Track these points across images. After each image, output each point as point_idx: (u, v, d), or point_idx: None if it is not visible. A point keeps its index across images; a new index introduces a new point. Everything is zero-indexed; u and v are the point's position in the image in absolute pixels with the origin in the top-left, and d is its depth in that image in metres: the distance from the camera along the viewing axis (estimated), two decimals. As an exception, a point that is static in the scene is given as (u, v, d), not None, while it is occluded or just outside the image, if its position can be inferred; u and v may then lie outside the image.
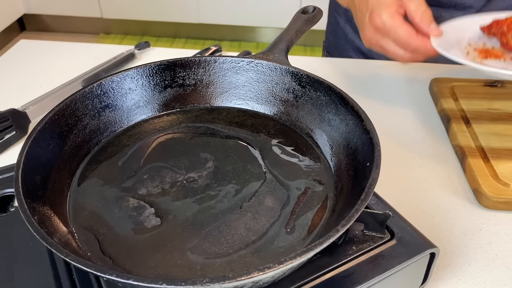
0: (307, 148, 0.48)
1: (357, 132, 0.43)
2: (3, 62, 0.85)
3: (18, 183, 0.36)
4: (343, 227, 0.32)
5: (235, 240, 0.39)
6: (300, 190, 0.43)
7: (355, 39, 0.92)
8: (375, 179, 0.36)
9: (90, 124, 0.48)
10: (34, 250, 0.41)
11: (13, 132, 0.65)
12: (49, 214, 0.38)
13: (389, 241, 0.42)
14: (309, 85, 0.49)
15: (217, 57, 0.52)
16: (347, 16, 0.92)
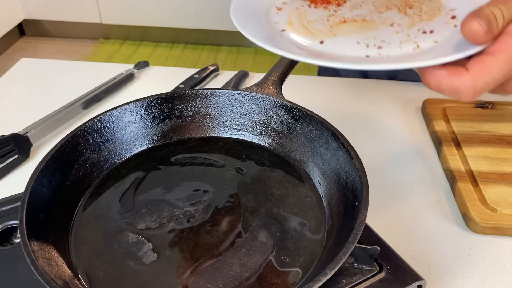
0: (300, 181, 0.50)
1: (347, 168, 0.45)
2: (3, 82, 0.87)
3: (23, 225, 0.38)
4: (331, 270, 0.34)
5: (229, 276, 0.41)
6: (293, 225, 0.45)
7: None
8: (362, 220, 0.38)
9: (91, 158, 0.50)
10: (38, 285, 0.42)
11: (15, 156, 0.67)
12: (52, 253, 0.40)
13: (378, 273, 0.44)
14: (302, 118, 0.51)
15: (213, 89, 0.54)
16: None
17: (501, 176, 0.62)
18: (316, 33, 0.47)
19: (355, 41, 0.46)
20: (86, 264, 0.42)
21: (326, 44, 0.45)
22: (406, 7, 0.53)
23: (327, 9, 0.52)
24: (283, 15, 0.50)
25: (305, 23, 0.49)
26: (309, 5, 0.52)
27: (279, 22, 0.48)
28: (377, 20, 0.51)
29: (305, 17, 0.50)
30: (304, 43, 0.45)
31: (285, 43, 0.45)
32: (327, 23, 0.49)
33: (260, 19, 0.48)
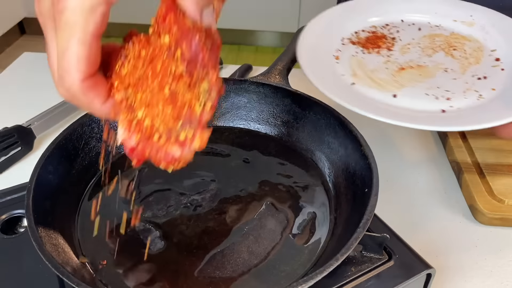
0: (307, 170, 0.50)
1: (355, 156, 0.44)
2: (6, 75, 0.87)
3: (30, 211, 0.37)
4: (343, 255, 0.34)
5: (238, 264, 0.40)
6: (300, 213, 0.45)
7: None
8: (373, 206, 0.37)
9: (96, 146, 0.49)
10: (43, 273, 0.42)
11: (18, 148, 0.67)
12: (59, 240, 0.39)
13: (386, 262, 0.43)
14: (309, 107, 0.50)
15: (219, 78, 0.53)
16: None
17: (508, 167, 0.61)
18: (384, 84, 0.53)
19: (423, 93, 0.51)
20: (92, 251, 0.41)
21: (399, 98, 0.51)
22: (450, 49, 0.60)
23: (380, 54, 0.57)
24: (344, 64, 0.54)
25: (369, 73, 0.54)
26: (362, 51, 0.57)
27: (345, 74, 0.53)
28: (430, 65, 0.57)
29: (365, 65, 0.55)
30: (378, 97, 0.50)
31: (362, 99, 0.50)
32: (388, 72, 0.54)
33: (327, 71, 0.52)
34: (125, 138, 0.35)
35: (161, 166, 0.35)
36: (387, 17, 0.64)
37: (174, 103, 0.33)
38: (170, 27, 0.34)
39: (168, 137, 0.34)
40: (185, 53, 0.34)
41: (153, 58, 0.35)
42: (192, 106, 0.33)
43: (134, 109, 0.35)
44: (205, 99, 0.34)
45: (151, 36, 0.36)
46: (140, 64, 0.35)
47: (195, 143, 0.34)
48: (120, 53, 0.37)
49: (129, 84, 0.35)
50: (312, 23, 0.58)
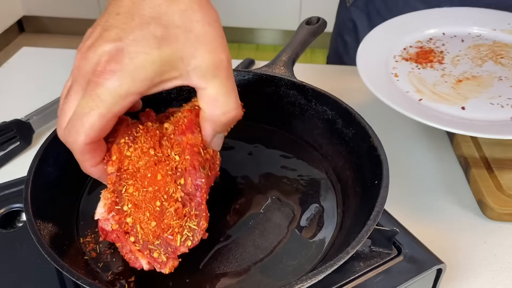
0: (313, 163, 0.49)
1: (364, 147, 0.43)
2: (5, 70, 0.85)
3: (28, 203, 0.36)
4: (353, 249, 0.32)
5: (244, 258, 0.39)
6: (307, 206, 0.44)
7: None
8: (384, 198, 0.36)
9: (96, 139, 0.48)
10: (42, 267, 0.41)
11: (17, 143, 0.65)
12: (58, 233, 0.38)
13: (396, 257, 0.42)
14: (315, 99, 0.49)
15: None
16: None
17: (517, 162, 0.60)
18: (449, 98, 0.56)
19: (488, 103, 0.55)
20: (94, 244, 0.40)
21: (468, 110, 0.54)
22: (497, 57, 0.63)
23: (434, 68, 0.61)
24: (405, 81, 0.58)
25: (431, 88, 0.58)
26: (417, 67, 0.61)
27: (410, 91, 0.56)
28: (484, 75, 0.60)
29: (424, 81, 0.59)
30: (448, 111, 0.54)
31: (436, 114, 0.53)
32: (448, 85, 0.58)
33: (393, 90, 0.56)
34: (102, 217, 0.36)
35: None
36: (429, 31, 0.68)
37: (160, 220, 0.35)
38: (184, 149, 0.37)
39: (143, 247, 0.35)
40: (187, 186, 0.36)
41: (158, 163, 0.37)
42: (174, 235, 0.34)
43: (122, 197, 0.37)
44: (187, 236, 0.35)
45: (165, 135, 0.38)
46: (144, 160, 0.37)
47: (165, 270, 0.35)
48: (130, 130, 0.39)
49: (127, 168, 0.37)
50: (363, 45, 0.62)
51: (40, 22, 2.97)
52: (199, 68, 0.33)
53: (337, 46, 0.99)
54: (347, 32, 0.96)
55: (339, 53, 0.98)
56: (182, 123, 0.38)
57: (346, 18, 0.95)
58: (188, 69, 0.33)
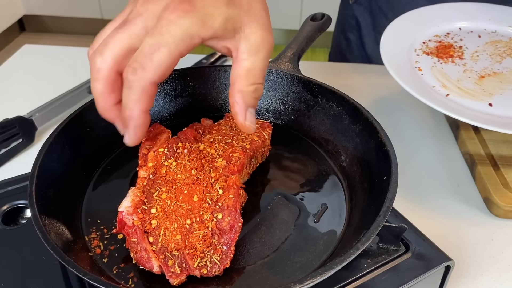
0: (319, 159, 0.48)
1: (372, 143, 0.43)
2: (7, 67, 0.85)
3: (33, 198, 0.35)
4: (363, 244, 0.32)
5: (251, 254, 0.38)
6: (314, 203, 0.43)
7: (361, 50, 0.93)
8: (393, 193, 0.36)
9: (100, 135, 0.47)
10: (46, 264, 0.40)
11: (19, 140, 0.65)
12: (63, 229, 0.37)
13: (404, 254, 0.42)
14: (322, 95, 0.49)
15: (227, 66, 0.52)
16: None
17: (523, 159, 0.60)
18: (474, 94, 0.56)
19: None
20: (98, 242, 0.39)
21: (495, 106, 0.55)
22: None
23: (456, 63, 0.61)
24: (429, 75, 0.58)
25: (455, 83, 0.58)
26: (439, 61, 0.61)
27: (435, 85, 0.56)
28: (505, 72, 0.61)
29: (448, 76, 0.59)
30: (476, 107, 0.54)
31: (464, 110, 0.53)
32: (471, 81, 0.58)
33: (420, 85, 0.55)
34: (127, 211, 0.37)
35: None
36: (446, 26, 0.69)
37: (186, 237, 0.36)
38: (230, 187, 0.39)
39: (159, 251, 0.36)
40: (223, 222, 0.37)
41: (196, 183, 0.40)
42: (194, 256, 0.36)
43: (152, 199, 0.39)
44: (205, 265, 0.36)
45: (210, 161, 0.41)
46: (184, 176, 0.40)
47: (172, 281, 0.36)
48: (170, 142, 0.43)
49: (164, 175, 0.40)
50: (385, 39, 0.61)
51: (41, 21, 2.96)
52: (249, 39, 0.35)
53: (340, 44, 0.98)
54: (350, 30, 0.95)
55: (341, 51, 0.98)
56: (235, 164, 0.41)
57: (349, 16, 0.94)
58: (241, 36, 0.35)
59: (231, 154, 0.41)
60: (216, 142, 0.43)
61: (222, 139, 0.44)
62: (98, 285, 0.30)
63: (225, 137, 0.44)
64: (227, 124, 0.46)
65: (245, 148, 0.43)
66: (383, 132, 0.42)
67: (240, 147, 0.42)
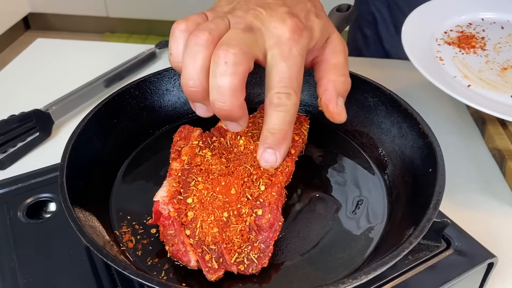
0: (353, 152, 0.46)
1: (412, 136, 0.41)
2: (20, 61, 0.83)
3: (64, 189, 0.34)
4: (417, 238, 0.30)
5: (290, 249, 0.37)
6: (351, 197, 0.42)
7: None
8: (442, 186, 0.34)
9: (128, 126, 0.46)
10: (74, 258, 0.39)
11: (36, 134, 0.63)
12: (94, 222, 0.36)
13: (445, 250, 0.40)
14: (354, 86, 0.47)
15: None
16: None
17: (555, 154, 0.58)
18: (496, 85, 0.55)
19: None
20: (130, 236, 0.38)
21: None
22: None
23: (478, 54, 0.60)
24: (450, 66, 0.57)
25: (477, 74, 0.57)
26: (461, 52, 0.60)
27: (457, 76, 0.55)
28: None
29: (470, 67, 0.58)
30: (498, 99, 0.53)
31: (487, 101, 0.52)
32: (493, 72, 0.57)
33: (441, 75, 0.55)
34: (162, 200, 0.36)
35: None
36: (468, 16, 0.68)
37: (223, 230, 0.35)
38: (274, 185, 0.38)
39: (196, 245, 0.34)
40: (262, 219, 0.36)
41: (233, 176, 0.38)
42: (232, 251, 0.34)
43: (188, 189, 0.37)
44: (242, 261, 0.34)
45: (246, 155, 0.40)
46: (217, 168, 0.39)
47: (210, 276, 0.34)
48: (205, 137, 0.42)
49: (199, 164, 0.39)
50: (406, 28, 0.61)
51: (46, 19, 2.95)
52: (334, 43, 0.40)
53: (356, 40, 0.97)
54: (367, 25, 0.94)
55: (358, 47, 0.96)
56: (283, 171, 0.39)
57: (366, 11, 0.93)
58: (328, 41, 0.40)
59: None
60: (257, 138, 0.42)
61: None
62: (139, 280, 0.28)
63: None
64: (262, 117, 0.44)
65: (291, 153, 0.41)
66: (424, 123, 0.40)
67: None
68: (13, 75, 0.79)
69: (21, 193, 0.44)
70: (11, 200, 0.43)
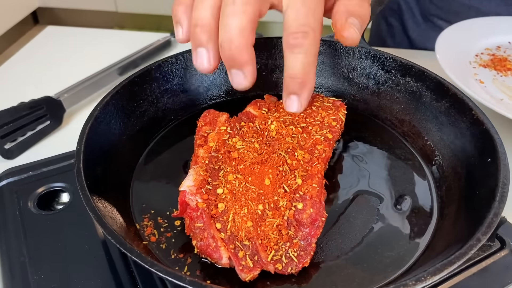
0: (394, 142, 0.42)
1: (463, 123, 0.37)
2: (31, 48, 0.80)
3: (81, 176, 0.30)
4: (485, 235, 0.26)
5: (331, 248, 0.33)
6: (396, 192, 0.38)
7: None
8: (507, 177, 0.30)
9: (148, 111, 0.42)
10: (90, 253, 0.35)
11: (47, 122, 0.60)
12: (114, 213, 0.32)
13: (500, 250, 0.36)
14: (396, 69, 0.43)
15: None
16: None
17: None
18: None
19: None
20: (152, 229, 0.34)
21: None
22: None
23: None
24: (492, 88, 0.55)
25: None
26: (499, 74, 0.59)
27: (503, 98, 0.53)
28: None
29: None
30: None
31: None
32: None
33: (488, 97, 0.52)
34: (189, 190, 0.32)
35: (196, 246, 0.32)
36: (495, 39, 0.67)
37: (257, 225, 0.31)
38: (313, 175, 0.34)
39: (228, 240, 0.31)
40: (303, 214, 0.32)
41: (267, 165, 0.34)
42: (268, 248, 0.31)
43: (217, 178, 0.33)
44: (280, 259, 0.31)
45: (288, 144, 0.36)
46: (250, 155, 0.35)
47: (244, 276, 0.30)
48: (233, 122, 0.38)
49: (227, 152, 0.36)
50: (439, 49, 0.58)
51: (55, 14, 2.93)
52: None
53: (380, 30, 0.93)
54: (391, 15, 0.90)
55: (382, 37, 0.92)
56: (319, 157, 0.36)
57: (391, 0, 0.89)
58: None
59: (314, 146, 0.36)
60: (289, 123, 0.38)
61: (294, 120, 0.38)
62: (169, 279, 0.24)
63: (296, 118, 0.39)
64: None
65: (328, 138, 0.37)
66: (478, 109, 0.36)
67: (322, 137, 0.37)
68: (23, 63, 0.76)
69: (32, 182, 0.41)
70: (21, 190, 0.40)
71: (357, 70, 0.46)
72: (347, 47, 0.45)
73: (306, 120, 0.39)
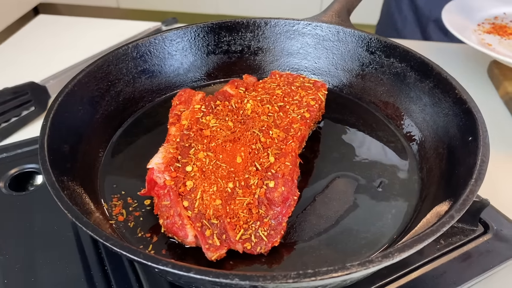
0: (377, 124, 0.41)
1: (446, 102, 0.36)
2: (20, 36, 0.79)
3: (44, 151, 0.29)
4: (458, 212, 0.25)
5: (304, 229, 0.32)
6: (374, 173, 0.36)
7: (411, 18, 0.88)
8: (486, 155, 0.29)
9: (124, 91, 0.41)
10: (58, 235, 0.34)
11: (31, 108, 0.59)
12: (79, 191, 0.31)
13: (483, 234, 0.35)
14: (380, 50, 0.42)
15: (268, 19, 0.45)
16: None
17: None
18: None
19: None
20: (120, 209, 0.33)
21: None
22: None
23: None
24: (502, 49, 0.61)
25: None
26: (503, 38, 0.65)
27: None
28: None
29: None
30: None
31: None
32: None
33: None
34: (157, 168, 0.31)
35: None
36: (491, 11, 0.73)
37: (227, 203, 0.30)
38: (286, 154, 0.33)
39: (195, 218, 0.30)
40: (274, 192, 0.31)
41: (239, 143, 0.33)
42: (237, 227, 0.30)
43: (188, 156, 0.32)
44: (249, 238, 0.30)
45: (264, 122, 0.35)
46: (222, 133, 0.34)
47: (210, 254, 0.29)
48: (208, 101, 0.37)
49: (200, 130, 0.34)
50: (447, 20, 0.63)
51: (56, 10, 2.93)
52: None
53: (389, 4, 0.93)
54: None
55: (390, 12, 0.92)
56: (294, 136, 0.34)
57: None
58: None
59: (290, 124, 0.35)
60: (266, 102, 0.37)
61: (271, 99, 0.37)
62: (124, 253, 0.23)
63: (273, 97, 0.37)
64: (273, 83, 0.39)
65: (305, 117, 0.36)
66: (461, 88, 0.35)
67: (299, 116, 0.36)
68: (12, 50, 0.75)
69: (5, 163, 0.40)
70: (-7, 170, 0.39)
71: (341, 52, 0.44)
72: (331, 29, 0.44)
73: (284, 99, 0.37)
